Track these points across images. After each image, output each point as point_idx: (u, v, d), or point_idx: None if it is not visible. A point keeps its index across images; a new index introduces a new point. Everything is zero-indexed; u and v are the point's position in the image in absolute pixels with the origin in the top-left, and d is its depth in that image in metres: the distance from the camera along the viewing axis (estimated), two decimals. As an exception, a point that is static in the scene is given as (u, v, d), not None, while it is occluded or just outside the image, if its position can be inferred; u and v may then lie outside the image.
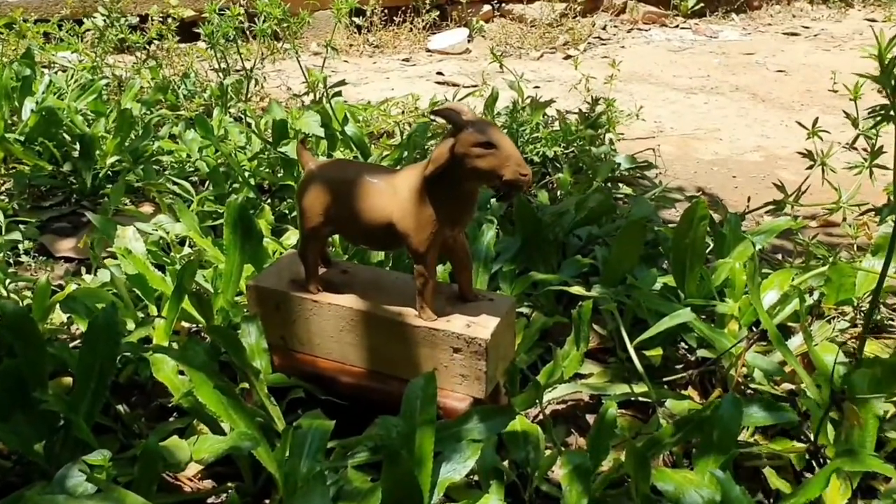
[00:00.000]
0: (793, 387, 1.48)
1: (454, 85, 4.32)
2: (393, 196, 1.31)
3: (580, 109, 2.98)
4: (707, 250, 1.80)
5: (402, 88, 4.17)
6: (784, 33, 5.86)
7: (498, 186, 1.22)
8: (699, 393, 1.58)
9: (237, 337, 1.33)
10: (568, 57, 4.99)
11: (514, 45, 5.15)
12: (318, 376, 1.44)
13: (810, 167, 1.94)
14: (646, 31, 5.82)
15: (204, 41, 2.80)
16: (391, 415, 1.28)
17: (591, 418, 1.57)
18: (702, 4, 6.23)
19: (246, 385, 1.42)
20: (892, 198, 1.83)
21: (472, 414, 1.25)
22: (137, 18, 3.72)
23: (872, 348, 1.64)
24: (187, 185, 2.09)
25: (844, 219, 1.91)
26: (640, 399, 1.52)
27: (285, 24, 2.82)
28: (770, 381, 1.50)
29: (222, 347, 1.35)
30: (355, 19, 4.85)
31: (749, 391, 1.51)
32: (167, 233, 1.91)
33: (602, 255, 1.82)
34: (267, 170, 2.35)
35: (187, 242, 1.91)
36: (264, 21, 2.69)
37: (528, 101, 2.93)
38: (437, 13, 5.27)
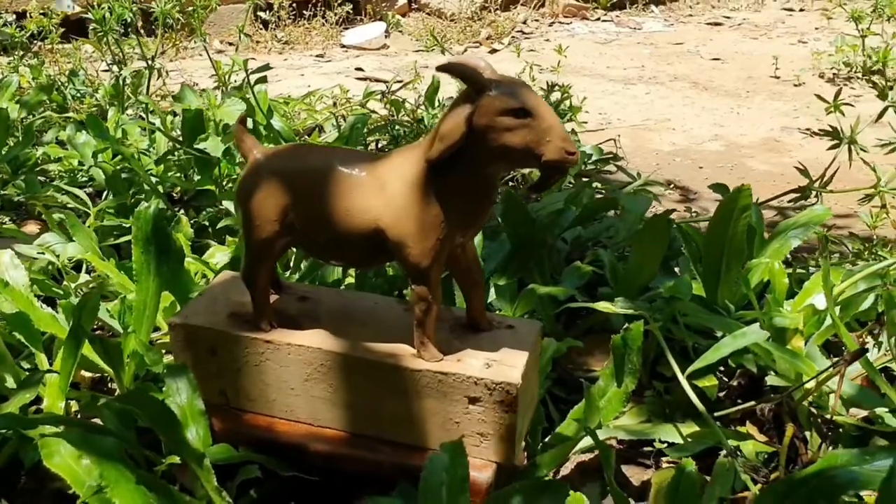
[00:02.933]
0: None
1: (377, 80, 3.95)
2: (380, 191, 0.93)
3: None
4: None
5: (319, 85, 3.78)
6: (707, 23, 5.72)
7: (536, 169, 0.87)
8: (758, 429, 1.25)
9: (166, 407, 0.93)
10: (493, 51, 4.69)
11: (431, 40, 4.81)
12: (278, 445, 1.05)
13: (834, 146, 1.65)
14: (567, 24, 5.59)
15: (95, 30, 2.35)
16: (381, 494, 0.91)
17: (628, 470, 1.23)
18: (622, -4, 6.05)
19: (176, 460, 1.01)
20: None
21: (510, 495, 0.88)
22: (14, 15, 3.24)
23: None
24: (82, 194, 1.64)
25: (884, 205, 1.63)
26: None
27: (190, 9, 2.40)
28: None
29: (144, 423, 0.94)
30: (261, 14, 4.42)
31: (827, 426, 1.19)
32: (57, 256, 1.47)
33: (609, 260, 1.48)
34: (178, 174, 1.93)
35: (84, 267, 1.48)
36: (165, 4, 2.26)
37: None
38: (350, 7, 4.89)
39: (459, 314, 1.06)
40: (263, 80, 1.92)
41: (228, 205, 1.62)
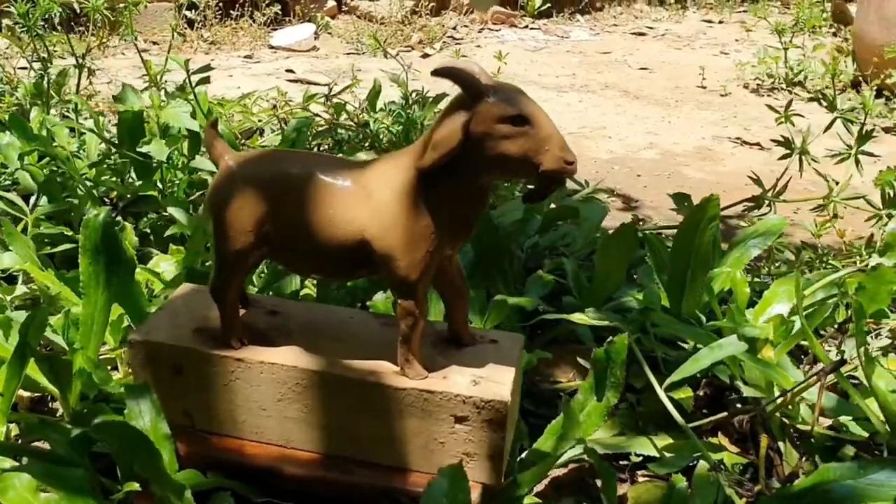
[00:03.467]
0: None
1: (309, 83, 3.88)
2: (366, 201, 0.88)
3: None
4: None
5: (249, 87, 3.68)
6: (632, 33, 5.82)
7: (533, 179, 0.83)
8: (728, 440, 1.25)
9: (141, 435, 0.85)
10: (426, 55, 4.66)
11: (367, 42, 4.76)
12: (249, 468, 0.99)
13: (785, 156, 1.67)
14: (497, 31, 5.61)
15: (13, 25, 2.21)
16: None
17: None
18: (549, 5, 6.10)
19: (135, 486, 0.93)
20: (887, 190, 1.59)
21: (505, 517, 0.84)
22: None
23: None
24: (19, 200, 1.53)
25: (835, 215, 1.66)
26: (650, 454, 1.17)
27: (122, 6, 2.29)
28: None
29: (111, 451, 0.86)
30: (187, 13, 4.28)
31: (798, 436, 1.19)
32: (-14, 268, 1.37)
33: (572, 269, 1.46)
34: (113, 178, 1.83)
35: (20, 279, 1.38)
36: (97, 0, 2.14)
37: (413, 95, 2.54)
38: (279, 8, 4.79)
39: (440, 328, 1.02)
40: (206, 80, 1.84)
41: (174, 211, 1.54)
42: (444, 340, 1.00)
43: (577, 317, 1.24)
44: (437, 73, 0.83)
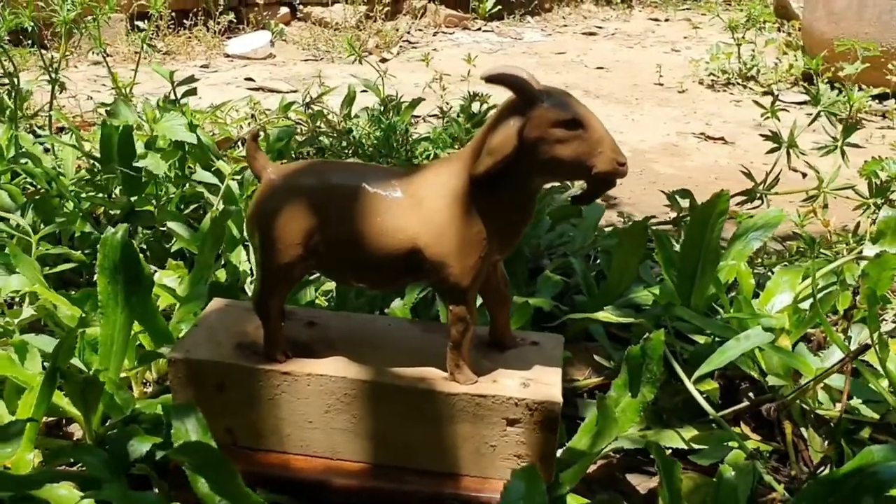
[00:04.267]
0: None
1: (271, 90, 3.85)
2: (417, 209, 0.88)
3: (441, 107, 2.64)
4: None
5: (210, 96, 3.64)
6: (583, 33, 5.89)
7: (587, 182, 0.84)
8: (751, 429, 1.28)
9: (222, 457, 0.84)
10: (384, 60, 4.65)
11: (323, 49, 4.74)
12: (296, 483, 0.98)
13: (773, 150, 1.71)
14: (451, 34, 5.63)
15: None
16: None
17: (633, 479, 1.22)
18: (499, 7, 6.15)
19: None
20: (873, 180, 1.64)
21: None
22: None
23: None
24: (22, 221, 1.49)
25: (826, 205, 1.71)
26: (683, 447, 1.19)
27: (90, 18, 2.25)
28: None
29: (203, 482, 0.84)
30: (139, 23, 4.20)
31: (817, 421, 1.23)
32: (-8, 291, 1.32)
33: (581, 268, 1.48)
34: (99, 194, 1.79)
35: (26, 301, 1.34)
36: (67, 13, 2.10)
37: (388, 100, 2.54)
38: (232, 16, 4.73)
39: (481, 332, 1.02)
40: (192, 92, 1.81)
41: (174, 226, 1.52)
42: (486, 345, 1.01)
43: (602, 315, 1.25)
44: (490, 79, 0.84)
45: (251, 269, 1.56)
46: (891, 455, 0.91)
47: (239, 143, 2.28)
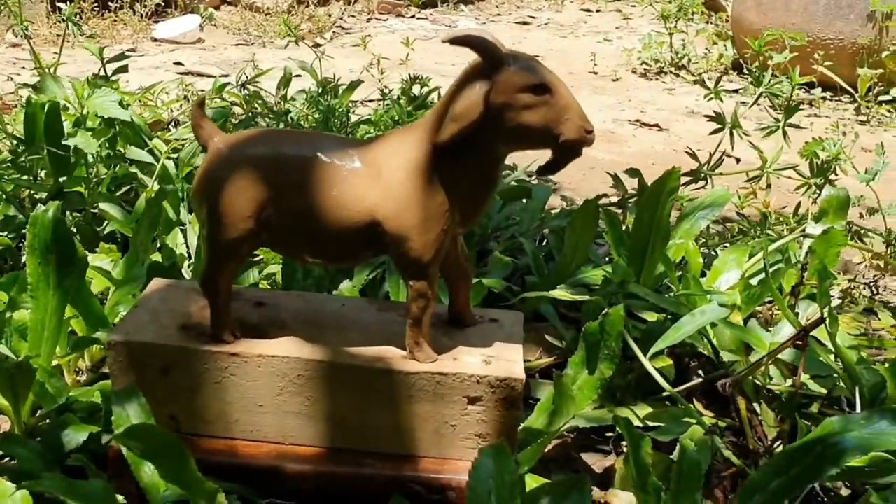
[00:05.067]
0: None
1: (201, 75, 3.74)
2: (376, 179, 0.84)
3: (382, 90, 2.59)
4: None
5: (138, 80, 3.52)
6: (516, 22, 5.90)
7: (553, 150, 0.82)
8: (704, 406, 1.28)
9: (174, 440, 0.78)
10: (317, 45, 4.55)
11: (254, 33, 4.63)
12: (245, 470, 0.93)
13: (716, 131, 1.72)
14: (384, 20, 5.56)
15: None
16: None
17: (588, 458, 1.21)
18: (433, -6, 6.11)
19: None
20: (814, 160, 1.66)
21: (537, 497, 0.82)
22: None
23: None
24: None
25: (769, 185, 1.72)
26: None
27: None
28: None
29: (148, 469, 0.78)
30: (60, 5, 4.03)
31: (769, 396, 1.23)
32: None
33: (531, 248, 1.46)
34: (24, 177, 1.70)
35: (-54, 286, 1.25)
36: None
37: (325, 82, 2.48)
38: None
39: (440, 310, 0.99)
40: (124, 69, 1.73)
41: (107, 207, 1.44)
42: (444, 322, 0.98)
43: (557, 293, 1.23)
44: (453, 41, 0.80)
45: (188, 253, 1.50)
46: (851, 425, 0.91)
47: (171, 126, 2.20)
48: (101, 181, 1.63)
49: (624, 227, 1.52)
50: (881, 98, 3.53)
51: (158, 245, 1.45)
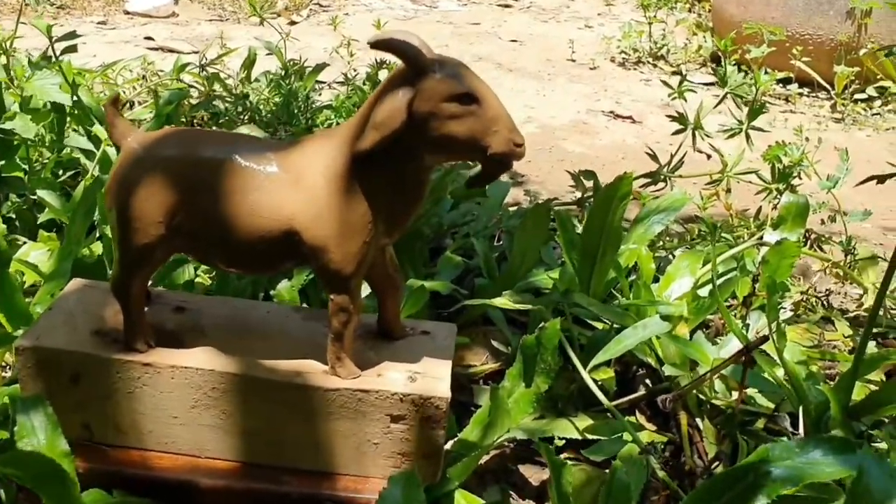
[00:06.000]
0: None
1: (172, 51, 3.67)
2: (294, 186, 0.80)
3: (346, 74, 2.54)
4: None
5: (106, 55, 3.44)
6: (498, 5, 5.82)
7: (480, 162, 0.78)
8: (646, 418, 1.25)
9: (59, 469, 0.74)
10: (293, 23, 4.49)
11: (229, 9, 4.54)
12: (158, 483, 0.89)
13: (678, 132, 1.69)
14: (363, -2, 5.48)
15: None
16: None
17: (525, 471, 1.18)
18: (415, -27, 6.02)
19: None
20: (776, 165, 1.64)
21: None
22: None
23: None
24: None
25: (729, 189, 1.69)
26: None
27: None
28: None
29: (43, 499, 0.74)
30: (28, -28, 3.95)
31: (713, 411, 1.20)
32: None
33: (482, 250, 1.42)
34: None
35: None
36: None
37: (291, 64, 2.42)
38: (132, -31, 4.48)
39: (369, 321, 0.95)
40: (72, 49, 1.67)
41: (44, 194, 1.39)
42: (373, 334, 0.94)
43: (499, 301, 1.20)
44: (376, 45, 0.76)
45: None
46: (785, 453, 0.89)
47: (128, 106, 2.14)
48: (45, 166, 1.58)
49: (580, 228, 1.49)
50: (857, 96, 3.51)
51: (98, 234, 1.41)
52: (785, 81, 3.56)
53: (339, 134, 0.81)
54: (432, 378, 0.88)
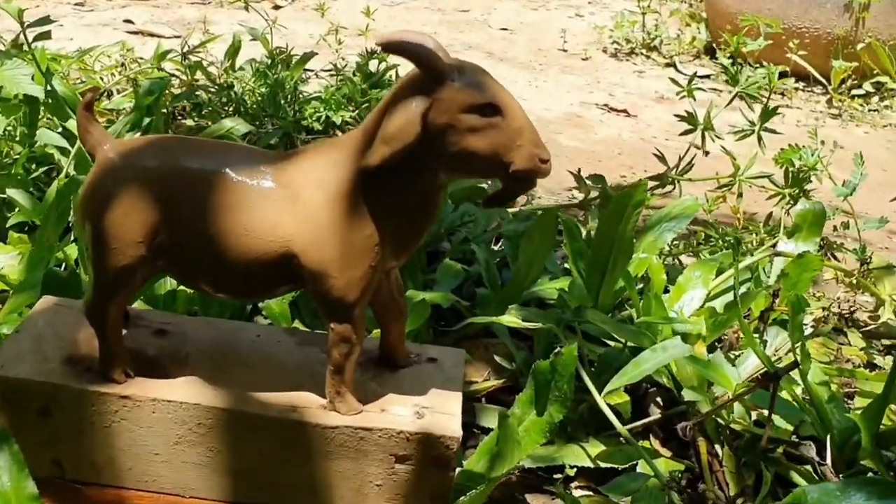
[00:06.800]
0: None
1: (152, 35, 3.55)
2: (291, 204, 0.72)
3: (336, 64, 2.44)
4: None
5: (83, 39, 3.32)
6: (487, -8, 5.72)
7: (501, 180, 0.69)
8: (661, 442, 1.17)
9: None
10: (277, 7, 4.37)
11: (211, -8, 4.40)
12: (138, 526, 0.80)
13: (687, 132, 1.61)
14: (351, -17, 5.36)
15: None
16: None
17: (534, 500, 1.10)
18: (402, -42, 5.90)
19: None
20: (789, 168, 1.56)
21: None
22: None
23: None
24: None
25: (740, 194, 1.61)
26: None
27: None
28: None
29: None
30: (2, -50, 3.80)
31: (734, 437, 1.13)
32: None
33: (483, 257, 1.33)
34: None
35: None
36: None
37: (277, 53, 2.32)
38: (111, -51, 4.33)
39: (370, 347, 0.86)
40: (46, 36, 1.56)
41: (15, 194, 1.29)
42: (374, 362, 0.85)
43: (506, 319, 1.11)
44: (387, 48, 0.67)
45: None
46: (825, 497, 0.82)
47: (107, 95, 2.03)
48: (16, 161, 1.47)
49: (584, 233, 1.41)
50: (854, 92, 3.45)
51: (73, 237, 1.31)
52: (780, 75, 3.50)
53: (343, 146, 0.72)
54: (441, 414, 0.80)
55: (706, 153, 1.92)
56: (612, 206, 1.23)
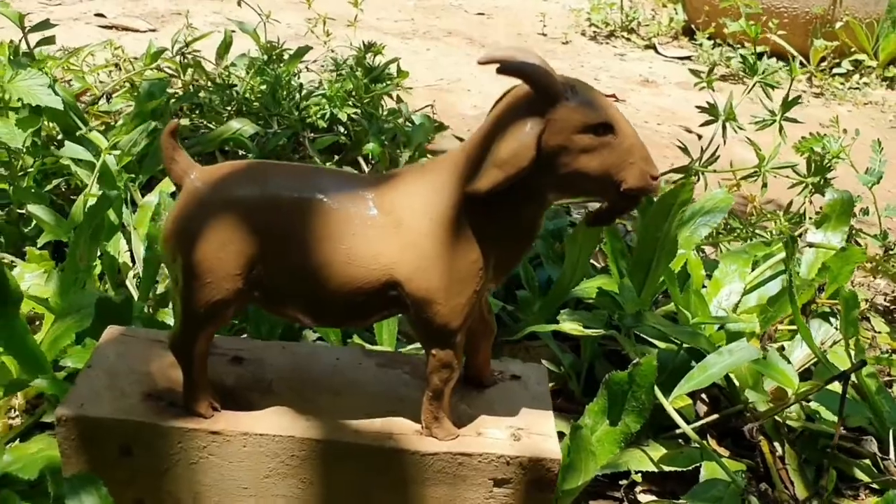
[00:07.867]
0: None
1: (126, 29, 3.46)
2: (394, 231, 0.69)
3: (335, 59, 2.39)
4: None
5: (56, 36, 3.22)
6: (458, -25, 5.67)
7: (608, 199, 0.68)
8: (717, 442, 1.17)
9: None
10: (251, -4, 4.27)
11: (183, -19, 4.30)
12: (229, 563, 0.78)
13: (707, 123, 1.60)
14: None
15: None
16: None
17: (602, 507, 1.10)
18: (370, -58, 5.81)
19: None
20: (811, 157, 1.56)
21: None
22: None
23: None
24: None
25: (765, 184, 1.61)
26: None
27: None
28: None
29: None
30: (-37, -56, 3.66)
31: (791, 434, 1.13)
32: None
33: (521, 259, 1.31)
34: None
35: None
36: None
37: (270, 47, 2.26)
38: (75, -60, 4.20)
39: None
40: (49, 41, 1.50)
41: (37, 210, 1.24)
42: (460, 382, 0.83)
43: (567, 327, 1.10)
44: (503, 70, 0.64)
45: (133, 259, 1.32)
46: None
47: (104, 98, 1.97)
48: (28, 174, 1.42)
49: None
50: (835, 70, 3.48)
51: (98, 252, 1.26)
52: (759, 55, 3.52)
53: (444, 169, 0.69)
54: (538, 435, 0.78)
55: (699, 136, 1.89)
56: (657, 206, 1.22)
